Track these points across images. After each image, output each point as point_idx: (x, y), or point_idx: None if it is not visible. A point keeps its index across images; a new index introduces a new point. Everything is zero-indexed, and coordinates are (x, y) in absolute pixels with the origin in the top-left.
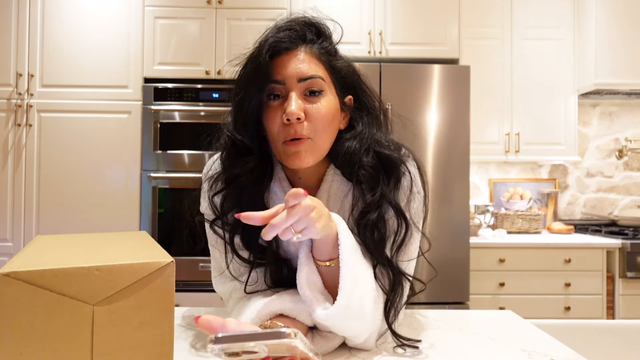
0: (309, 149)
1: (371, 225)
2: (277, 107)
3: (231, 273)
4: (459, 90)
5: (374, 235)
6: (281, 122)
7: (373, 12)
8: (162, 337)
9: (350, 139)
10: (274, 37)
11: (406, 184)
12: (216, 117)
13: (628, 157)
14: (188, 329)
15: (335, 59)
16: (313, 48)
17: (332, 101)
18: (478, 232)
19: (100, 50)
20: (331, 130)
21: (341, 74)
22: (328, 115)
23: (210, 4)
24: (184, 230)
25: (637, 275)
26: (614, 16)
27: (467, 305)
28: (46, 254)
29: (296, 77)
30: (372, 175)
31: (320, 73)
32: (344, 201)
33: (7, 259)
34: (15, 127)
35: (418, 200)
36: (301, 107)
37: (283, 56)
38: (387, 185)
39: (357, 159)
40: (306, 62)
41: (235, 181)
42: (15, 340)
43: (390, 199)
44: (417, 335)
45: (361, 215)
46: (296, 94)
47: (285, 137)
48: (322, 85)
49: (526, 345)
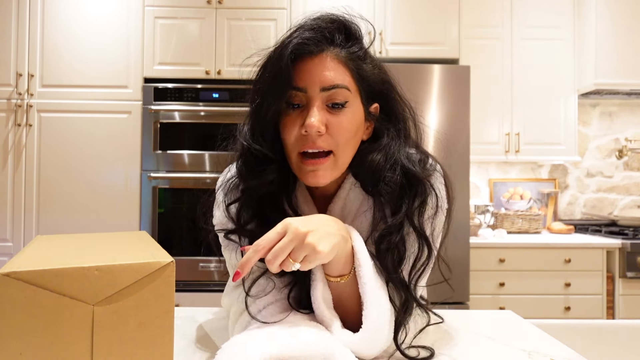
0: (328, 167)
1: (393, 247)
2: (296, 116)
3: (243, 283)
4: (459, 90)
5: (393, 257)
6: (299, 132)
7: (373, 12)
8: (162, 337)
9: (374, 152)
10: (298, 38)
11: (432, 203)
12: (216, 117)
13: (628, 157)
14: (188, 329)
15: (364, 65)
16: (341, 53)
17: (356, 113)
18: (478, 232)
19: (100, 50)
20: (354, 143)
21: (369, 82)
22: (351, 130)
23: (210, 4)
24: (185, 230)
25: (637, 275)
26: (614, 16)
27: (467, 305)
28: (46, 254)
29: (319, 86)
30: (396, 194)
31: (346, 82)
32: (360, 216)
33: (7, 259)
34: (15, 127)
35: (441, 217)
36: (322, 120)
37: (307, 60)
38: (412, 205)
39: (380, 175)
40: (332, 69)
41: (254, 192)
42: (15, 340)
43: (414, 222)
44: (417, 335)
45: (381, 237)
46: (318, 104)
47: (301, 147)
48: (346, 96)
49: (526, 345)
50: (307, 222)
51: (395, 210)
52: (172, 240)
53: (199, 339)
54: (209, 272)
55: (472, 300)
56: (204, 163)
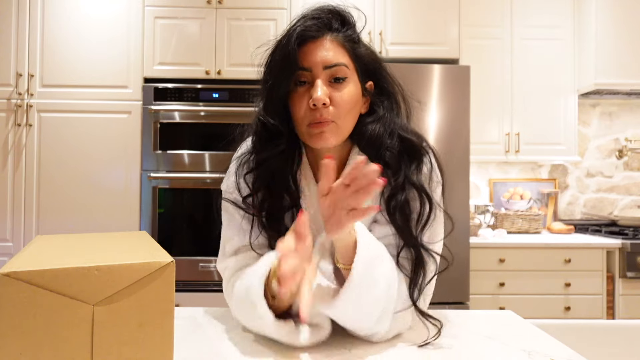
0: (332, 130)
1: (400, 206)
2: (304, 92)
3: (252, 246)
4: (459, 90)
5: (403, 216)
6: (307, 106)
7: (373, 12)
8: (162, 337)
9: (373, 122)
10: (302, 26)
11: (426, 170)
12: (216, 117)
13: (628, 157)
14: (188, 329)
15: (359, 47)
16: (338, 36)
17: (355, 87)
18: (478, 232)
19: (100, 50)
20: (353, 115)
21: (363, 61)
22: (351, 102)
23: (210, 4)
24: (185, 230)
25: (637, 275)
26: (614, 16)
27: (467, 305)
28: (46, 254)
29: (322, 65)
30: (396, 158)
31: (345, 61)
32: None
33: (7, 259)
34: (15, 127)
35: (439, 188)
36: (327, 94)
37: (309, 44)
38: (410, 167)
39: (381, 142)
40: (332, 50)
41: (265, 163)
42: (15, 340)
43: (413, 181)
44: (417, 335)
45: (389, 198)
46: (322, 81)
47: (310, 120)
48: (345, 73)
49: (526, 345)
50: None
51: (396, 173)
52: (172, 240)
53: (199, 339)
54: (209, 272)
55: (472, 300)
56: (204, 163)
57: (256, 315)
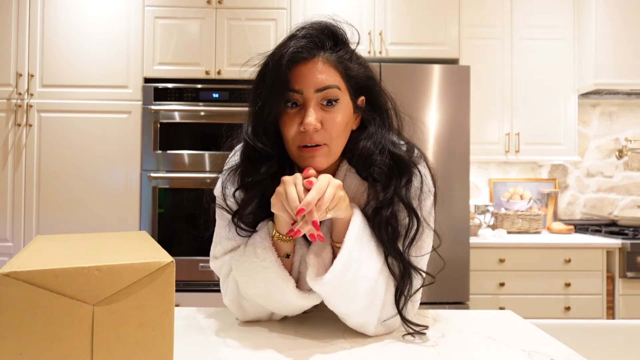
0: (324, 153)
1: (385, 221)
2: (295, 114)
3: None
4: (459, 90)
5: (387, 230)
6: (298, 129)
7: (373, 12)
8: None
9: (365, 139)
10: (294, 47)
11: (417, 183)
12: (216, 117)
13: (628, 157)
14: (188, 329)
15: (351, 65)
16: (331, 57)
17: (347, 107)
18: (478, 232)
19: (100, 50)
20: (345, 134)
21: (356, 79)
22: (342, 123)
23: (210, 4)
24: (185, 230)
25: (637, 275)
26: (614, 16)
27: (467, 305)
28: (46, 254)
29: (314, 87)
30: (386, 174)
31: (337, 82)
32: (358, 199)
33: (7, 259)
34: (15, 127)
35: (429, 199)
36: (318, 118)
37: (301, 65)
38: (399, 184)
39: (372, 159)
40: (324, 72)
41: (255, 186)
42: (15, 340)
43: (402, 197)
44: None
45: (375, 211)
46: (314, 104)
47: (301, 142)
48: (337, 94)
49: (526, 345)
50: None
51: (385, 188)
52: (172, 240)
53: (199, 339)
54: (209, 272)
55: (472, 300)
56: (204, 163)
57: (258, 260)
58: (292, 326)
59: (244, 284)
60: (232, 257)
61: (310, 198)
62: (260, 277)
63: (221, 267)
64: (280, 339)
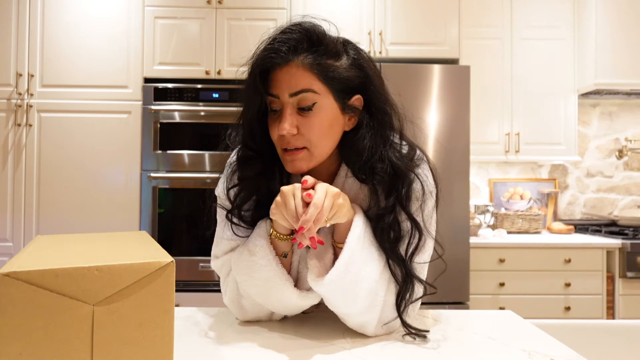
0: (304, 157)
1: (387, 227)
2: (276, 118)
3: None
4: (459, 90)
5: (390, 237)
6: (278, 133)
7: (373, 12)
8: (162, 337)
9: (359, 139)
10: (267, 52)
11: (418, 187)
12: (216, 117)
13: (628, 157)
14: (188, 329)
15: (333, 65)
16: (306, 59)
17: (327, 110)
18: (478, 232)
19: (100, 50)
20: (330, 136)
21: (340, 79)
22: (322, 127)
23: (210, 4)
24: (185, 230)
25: (637, 275)
26: (614, 16)
27: (467, 305)
28: (46, 254)
29: (287, 92)
30: (387, 183)
31: (313, 86)
32: (359, 202)
33: (7, 259)
34: (15, 127)
35: (431, 201)
36: (293, 123)
37: (277, 71)
38: (401, 192)
39: (371, 165)
40: (297, 76)
41: (249, 180)
42: (15, 340)
43: (404, 206)
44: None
45: (376, 218)
46: (289, 108)
47: (282, 146)
48: (313, 98)
49: (526, 345)
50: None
51: (387, 196)
52: (172, 240)
53: (199, 339)
54: (209, 272)
55: (472, 300)
56: (204, 163)
57: (255, 259)
58: (292, 326)
59: (243, 283)
60: (232, 256)
61: (309, 216)
62: (258, 276)
63: (222, 266)
64: (280, 339)
